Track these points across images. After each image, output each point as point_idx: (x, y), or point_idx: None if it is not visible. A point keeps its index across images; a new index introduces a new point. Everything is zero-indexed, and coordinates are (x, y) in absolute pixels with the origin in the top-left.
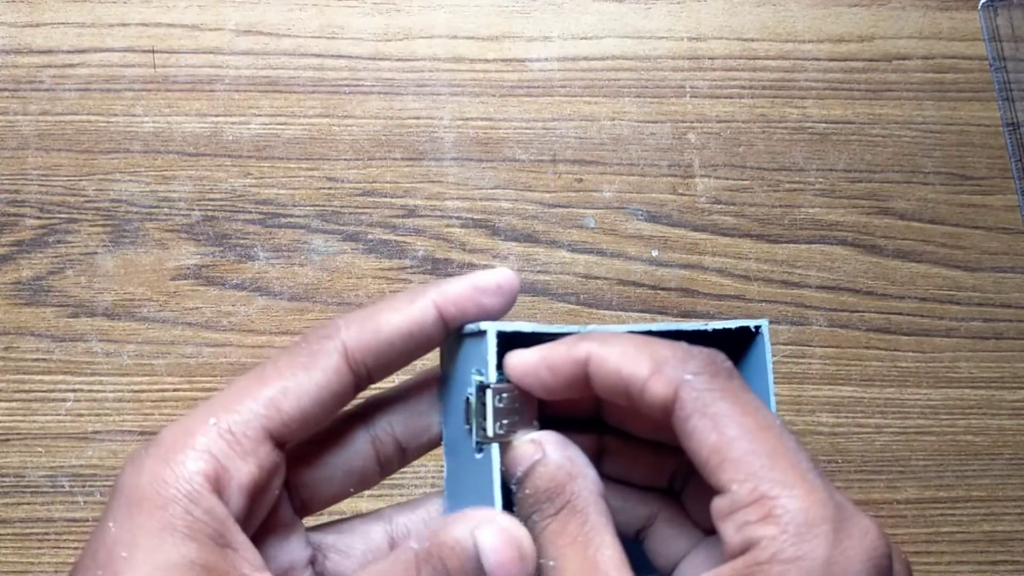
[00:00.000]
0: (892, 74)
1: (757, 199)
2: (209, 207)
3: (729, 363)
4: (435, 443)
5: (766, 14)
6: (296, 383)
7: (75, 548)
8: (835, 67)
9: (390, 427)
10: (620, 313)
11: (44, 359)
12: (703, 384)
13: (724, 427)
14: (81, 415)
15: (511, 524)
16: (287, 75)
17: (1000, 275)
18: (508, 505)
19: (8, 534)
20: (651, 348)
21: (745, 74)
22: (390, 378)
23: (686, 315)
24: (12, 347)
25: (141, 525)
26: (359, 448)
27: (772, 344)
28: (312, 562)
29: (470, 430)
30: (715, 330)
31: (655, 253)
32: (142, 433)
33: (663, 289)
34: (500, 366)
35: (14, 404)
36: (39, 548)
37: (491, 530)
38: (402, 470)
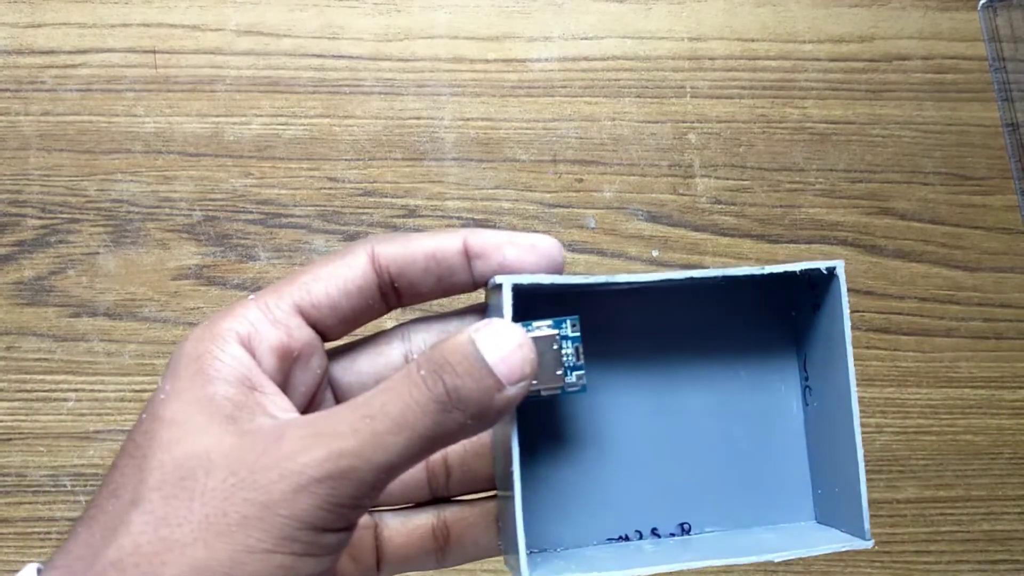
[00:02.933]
0: (892, 74)
1: (757, 199)
2: (210, 207)
3: None
4: None
5: (766, 14)
6: (325, 272)
7: None
8: (835, 67)
9: (423, 344)
10: None
11: (46, 359)
12: None
13: None
14: (83, 415)
15: (509, 323)
16: (288, 75)
17: (1000, 275)
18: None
19: (10, 533)
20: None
21: (745, 74)
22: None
23: None
24: (14, 347)
25: (178, 374)
26: (393, 358)
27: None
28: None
29: None
30: (786, 272)
31: (655, 253)
32: None
33: None
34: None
35: (16, 404)
36: (41, 547)
37: (488, 330)
38: None
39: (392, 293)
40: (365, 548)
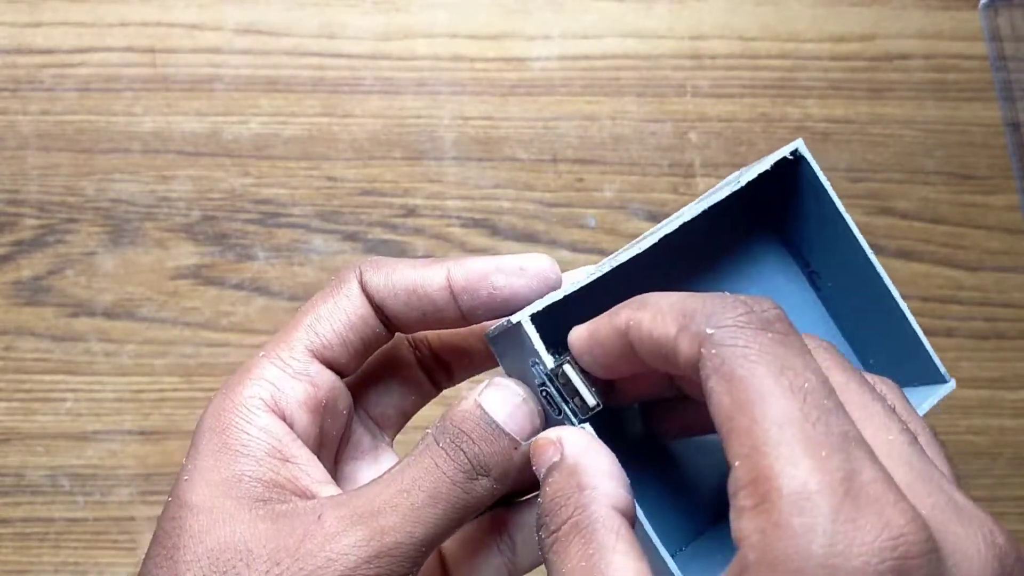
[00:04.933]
0: (893, 73)
1: None
2: (208, 207)
3: (773, 310)
4: (475, 366)
5: (767, 13)
6: (326, 309)
7: (75, 548)
8: (836, 66)
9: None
10: None
11: (44, 359)
12: (728, 338)
13: (739, 389)
14: (81, 415)
15: (507, 380)
16: (287, 74)
17: (1001, 275)
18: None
19: (8, 533)
20: (684, 303)
21: (746, 73)
22: None
23: None
24: (12, 347)
25: (200, 451)
26: (409, 365)
27: None
28: None
29: (563, 418)
30: (754, 179)
31: None
32: (142, 433)
33: None
34: (558, 346)
35: (14, 404)
36: (39, 547)
37: (490, 392)
38: None
39: (390, 320)
40: None
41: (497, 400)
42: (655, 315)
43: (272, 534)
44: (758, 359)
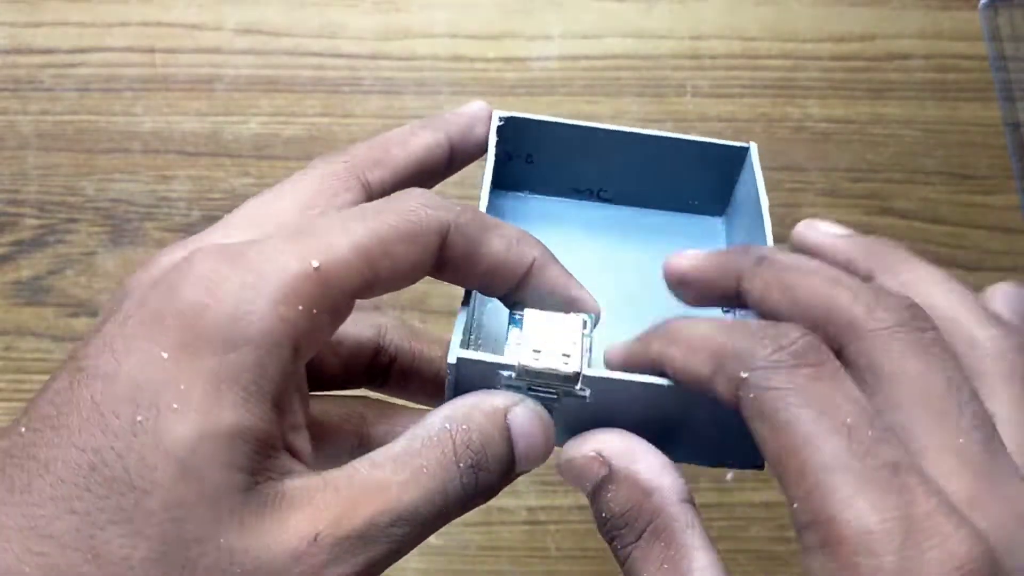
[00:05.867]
0: (893, 73)
1: None
2: (209, 207)
3: (802, 339)
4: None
5: (767, 13)
6: (403, 249)
7: None
8: (836, 66)
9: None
10: None
11: (44, 359)
12: (762, 381)
13: (783, 435)
14: None
15: (538, 408)
16: (287, 74)
17: (1002, 275)
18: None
19: None
20: (714, 339)
21: (746, 73)
22: None
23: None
24: (12, 347)
25: (203, 369)
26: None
27: None
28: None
29: (556, 397)
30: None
31: None
32: None
33: None
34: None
35: (14, 404)
36: None
37: (522, 411)
38: None
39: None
40: None
41: (525, 423)
42: (686, 354)
43: (258, 538)
44: (796, 400)
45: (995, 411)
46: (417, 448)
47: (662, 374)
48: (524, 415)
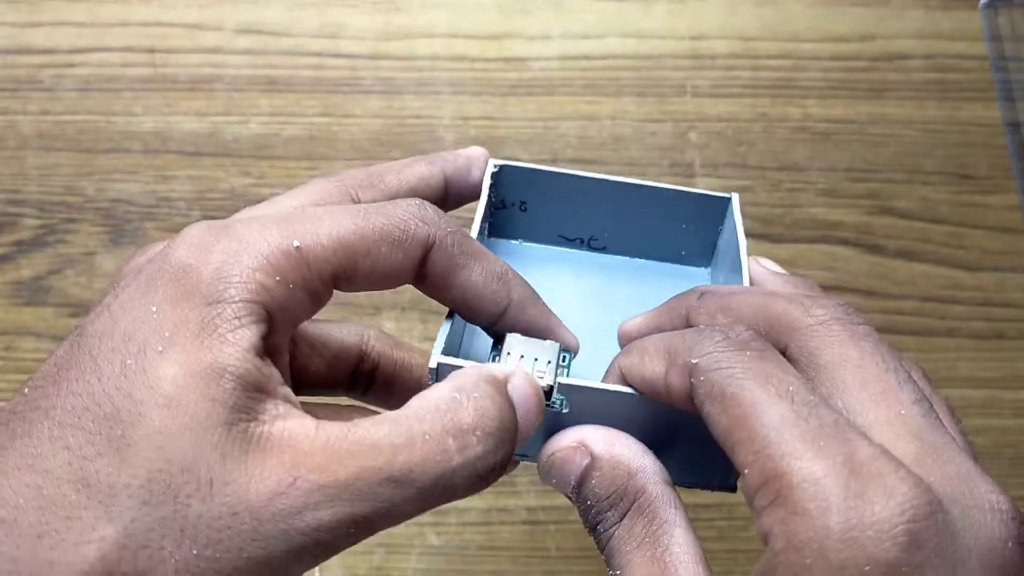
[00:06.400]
0: (893, 73)
1: (758, 199)
2: (208, 207)
3: (746, 332)
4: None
5: (767, 13)
6: (386, 249)
7: None
8: (836, 66)
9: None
10: None
11: (44, 359)
12: (712, 363)
13: (732, 406)
14: None
15: (531, 376)
16: (287, 74)
17: (1001, 275)
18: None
19: None
20: (667, 341)
21: (746, 73)
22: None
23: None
24: (12, 347)
25: (187, 319)
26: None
27: None
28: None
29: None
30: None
31: None
32: None
33: None
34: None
35: None
36: None
37: (519, 379)
38: None
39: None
40: None
41: (523, 393)
42: (642, 357)
43: (239, 473)
44: (743, 375)
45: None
46: (422, 415)
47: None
48: (521, 383)
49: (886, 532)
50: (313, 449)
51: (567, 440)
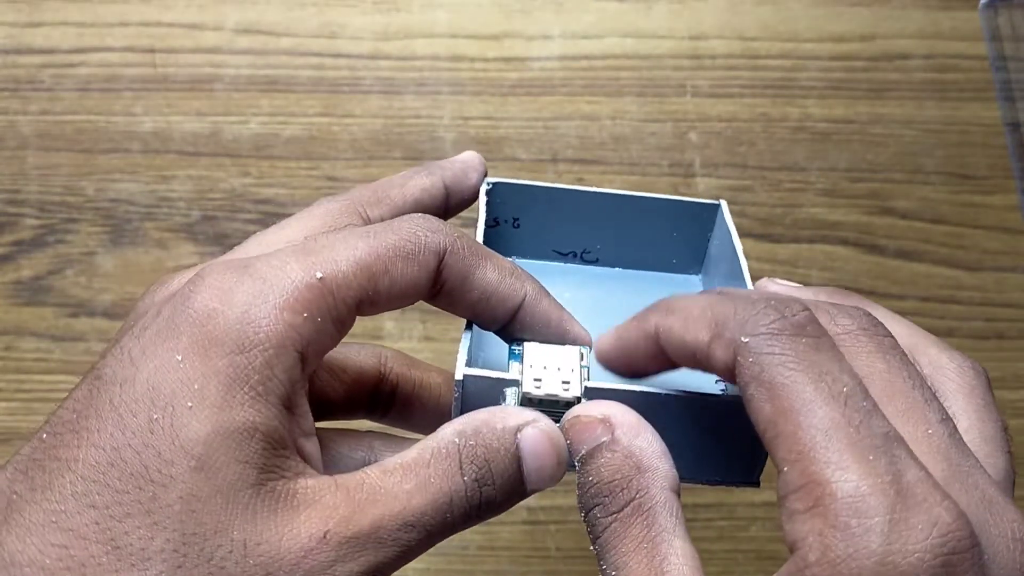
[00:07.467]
0: (893, 73)
1: (758, 199)
2: (208, 207)
3: (803, 313)
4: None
5: (767, 13)
6: (400, 266)
7: None
8: (836, 66)
9: None
10: None
11: (44, 359)
12: (764, 346)
13: (780, 397)
14: None
15: (552, 428)
16: (287, 74)
17: (1001, 275)
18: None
19: None
20: (715, 308)
21: (746, 73)
22: None
23: None
24: (12, 347)
25: (216, 370)
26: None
27: None
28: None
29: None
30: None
31: None
32: None
33: None
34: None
35: (14, 404)
36: None
37: (532, 431)
38: None
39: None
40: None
41: (536, 445)
42: (686, 321)
43: (271, 533)
44: (796, 366)
45: (956, 420)
46: (427, 459)
47: (659, 348)
48: (534, 435)
49: (927, 561)
50: (337, 502)
51: (596, 410)
